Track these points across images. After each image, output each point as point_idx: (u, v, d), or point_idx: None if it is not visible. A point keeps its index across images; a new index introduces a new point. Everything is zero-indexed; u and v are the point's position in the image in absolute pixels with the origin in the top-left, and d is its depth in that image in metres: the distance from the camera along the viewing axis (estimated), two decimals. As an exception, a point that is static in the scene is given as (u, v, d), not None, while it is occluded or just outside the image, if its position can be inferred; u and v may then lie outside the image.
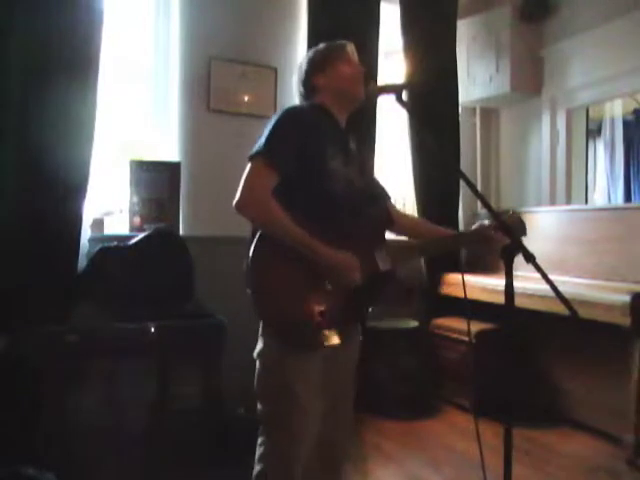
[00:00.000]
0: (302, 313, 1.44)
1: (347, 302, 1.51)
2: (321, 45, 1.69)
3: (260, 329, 1.54)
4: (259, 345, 1.54)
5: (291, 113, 1.55)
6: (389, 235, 1.71)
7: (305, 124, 1.52)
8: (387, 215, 1.77)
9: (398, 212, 1.86)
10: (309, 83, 1.66)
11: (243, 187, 1.44)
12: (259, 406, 1.54)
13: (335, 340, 1.47)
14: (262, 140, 1.47)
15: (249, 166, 1.47)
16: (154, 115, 3.24)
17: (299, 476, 1.51)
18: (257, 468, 1.54)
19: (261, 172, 1.45)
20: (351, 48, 1.68)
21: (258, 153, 1.45)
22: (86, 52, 2.64)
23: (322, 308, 1.45)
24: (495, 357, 3.09)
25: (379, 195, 1.79)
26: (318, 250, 1.44)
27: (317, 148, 1.52)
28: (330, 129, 1.61)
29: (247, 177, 1.45)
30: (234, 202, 1.43)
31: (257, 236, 1.45)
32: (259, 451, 1.55)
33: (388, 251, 1.58)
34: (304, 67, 1.67)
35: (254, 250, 1.44)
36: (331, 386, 1.59)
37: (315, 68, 1.65)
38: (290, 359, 1.47)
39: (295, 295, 1.45)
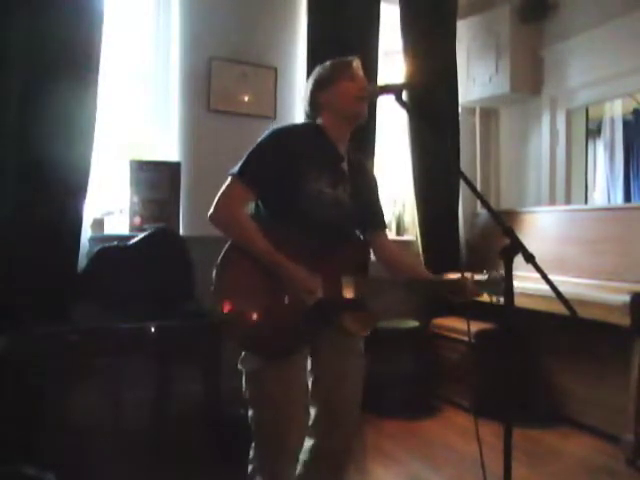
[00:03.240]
0: (258, 323, 1.47)
1: (303, 318, 1.51)
2: (328, 62, 1.70)
3: None
4: (242, 352, 1.56)
5: (275, 135, 1.58)
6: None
7: (287, 147, 1.56)
8: (373, 244, 1.76)
9: (386, 242, 1.81)
10: (313, 101, 1.67)
11: (216, 200, 1.53)
12: (249, 412, 1.57)
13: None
14: (243, 159, 1.55)
15: (226, 182, 1.55)
16: (154, 115, 3.24)
17: (290, 468, 1.56)
18: (249, 468, 1.59)
19: (235, 189, 1.53)
20: (357, 64, 1.68)
21: (235, 172, 1.53)
22: (86, 52, 2.65)
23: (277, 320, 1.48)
24: (495, 357, 3.10)
25: (371, 221, 1.77)
26: (280, 263, 1.48)
27: (296, 170, 1.55)
28: (320, 151, 1.61)
29: (222, 192, 1.54)
30: (208, 213, 1.53)
31: (227, 244, 1.53)
32: (251, 453, 1.60)
33: (360, 280, 1.58)
34: (310, 85, 1.69)
35: (222, 257, 1.51)
36: (324, 393, 1.61)
37: (319, 86, 1.66)
38: (266, 367, 1.49)
39: (253, 304, 1.48)
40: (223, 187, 1.54)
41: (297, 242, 1.52)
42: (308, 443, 1.64)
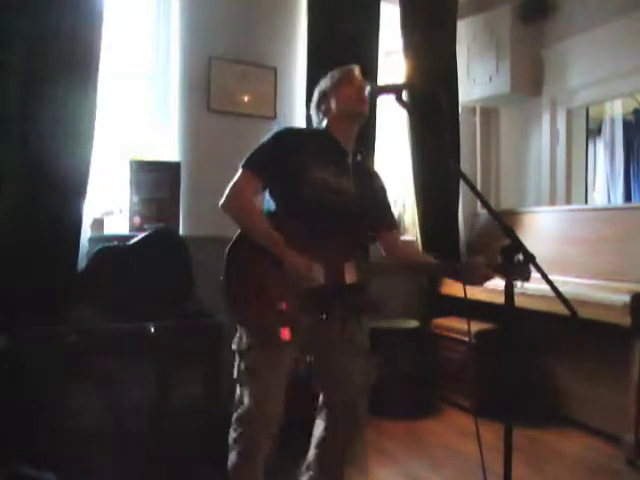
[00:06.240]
0: (264, 309, 1.58)
1: (308, 302, 1.60)
2: (329, 73, 1.84)
3: None
4: (237, 333, 1.70)
5: (279, 132, 1.73)
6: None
7: (289, 141, 1.70)
8: (384, 242, 1.87)
9: (398, 242, 1.93)
10: (319, 109, 1.82)
11: (228, 189, 1.66)
12: (237, 390, 1.69)
13: (286, 336, 1.57)
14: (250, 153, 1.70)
15: (237, 174, 1.67)
16: (154, 115, 3.24)
17: (265, 442, 1.64)
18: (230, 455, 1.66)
19: (242, 177, 1.66)
20: (357, 71, 1.80)
21: (242, 163, 1.68)
22: (86, 52, 2.64)
23: (282, 306, 1.57)
24: (495, 357, 3.10)
25: (382, 222, 1.87)
26: (282, 251, 1.58)
27: (300, 160, 1.66)
28: (325, 149, 1.73)
29: (233, 182, 1.67)
30: (220, 202, 1.65)
31: (237, 233, 1.64)
32: (231, 435, 1.68)
33: (362, 265, 1.66)
34: (315, 97, 1.85)
35: (232, 245, 1.63)
36: (327, 380, 1.78)
37: (322, 96, 1.81)
38: (259, 347, 1.62)
39: (260, 292, 1.58)
40: (234, 178, 1.66)
41: (304, 230, 1.61)
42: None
